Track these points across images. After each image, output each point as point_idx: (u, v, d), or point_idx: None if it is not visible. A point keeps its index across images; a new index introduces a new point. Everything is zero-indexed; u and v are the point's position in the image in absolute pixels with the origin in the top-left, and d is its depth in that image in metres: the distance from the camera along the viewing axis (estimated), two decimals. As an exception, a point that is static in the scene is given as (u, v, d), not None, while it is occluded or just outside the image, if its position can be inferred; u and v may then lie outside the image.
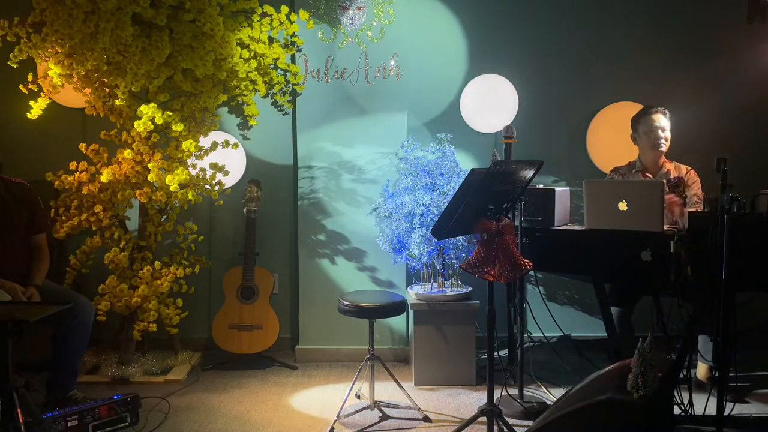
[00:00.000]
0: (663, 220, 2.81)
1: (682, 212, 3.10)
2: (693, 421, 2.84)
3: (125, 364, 3.59)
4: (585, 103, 4.12)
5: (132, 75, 3.34)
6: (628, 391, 2.21)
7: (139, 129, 3.38)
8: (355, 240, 3.93)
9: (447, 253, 3.48)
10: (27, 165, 3.83)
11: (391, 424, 3.05)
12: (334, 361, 3.93)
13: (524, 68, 4.05)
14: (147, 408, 3.13)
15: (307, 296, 3.95)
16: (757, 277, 2.66)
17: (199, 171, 3.59)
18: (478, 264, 2.52)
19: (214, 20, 3.40)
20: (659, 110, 3.41)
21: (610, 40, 4.11)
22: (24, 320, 2.20)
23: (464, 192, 2.55)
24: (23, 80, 3.43)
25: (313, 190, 3.94)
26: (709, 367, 3.32)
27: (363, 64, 3.88)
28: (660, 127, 3.38)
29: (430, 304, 3.51)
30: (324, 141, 3.91)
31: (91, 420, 2.79)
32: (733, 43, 4.11)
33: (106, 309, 3.39)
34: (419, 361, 3.54)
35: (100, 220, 3.48)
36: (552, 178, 4.14)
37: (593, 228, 2.98)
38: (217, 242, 4.10)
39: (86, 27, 3.19)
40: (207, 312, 4.07)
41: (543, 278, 4.17)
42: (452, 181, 3.50)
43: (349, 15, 3.87)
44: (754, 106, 4.13)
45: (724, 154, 2.58)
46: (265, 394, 3.40)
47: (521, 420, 3.04)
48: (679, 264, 2.71)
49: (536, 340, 3.99)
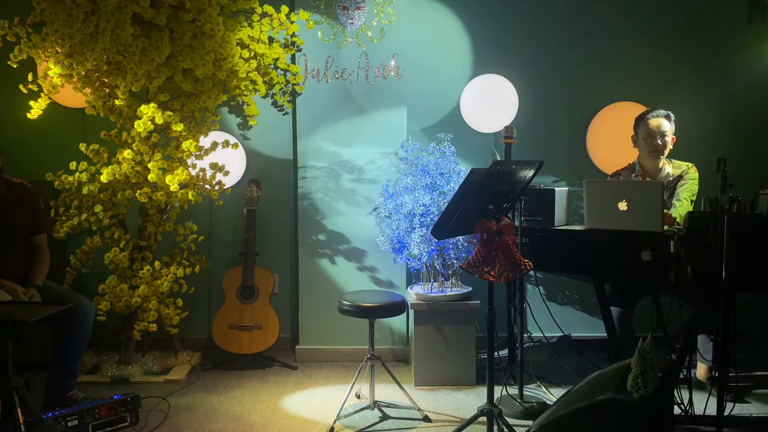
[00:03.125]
0: (663, 220, 2.81)
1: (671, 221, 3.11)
2: (693, 421, 2.84)
3: (125, 364, 3.59)
4: (585, 103, 4.12)
5: (132, 75, 3.34)
6: (628, 391, 2.20)
7: (139, 129, 3.37)
8: (355, 240, 3.93)
9: (447, 253, 3.48)
10: (27, 165, 3.84)
11: (391, 424, 3.05)
12: (334, 361, 3.93)
13: (524, 68, 4.05)
14: (147, 408, 3.13)
15: (307, 296, 3.95)
16: (757, 277, 2.65)
17: (199, 171, 3.59)
18: (478, 264, 2.52)
19: (214, 20, 3.40)
20: (660, 114, 3.34)
21: (610, 40, 4.11)
22: (24, 320, 2.20)
23: (464, 192, 2.55)
24: (23, 80, 3.43)
25: (313, 190, 3.94)
26: (709, 367, 3.32)
27: (363, 64, 3.88)
28: (659, 133, 3.31)
29: (430, 304, 3.51)
30: (324, 141, 3.92)
31: (91, 420, 2.79)
32: (733, 43, 4.12)
33: (106, 309, 3.39)
34: (419, 361, 3.54)
35: (100, 220, 3.48)
36: (552, 178, 4.14)
37: (593, 228, 2.98)
38: (217, 242, 4.11)
39: (86, 27, 3.19)
40: (207, 312, 4.07)
41: (543, 278, 4.17)
42: (452, 181, 3.50)
43: (349, 15, 3.87)
44: (754, 106, 4.13)
45: (724, 154, 2.58)
46: (265, 394, 3.40)
47: (521, 420, 3.04)
48: (679, 264, 2.71)
49: (536, 340, 3.99)
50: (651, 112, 3.38)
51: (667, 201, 3.32)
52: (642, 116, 3.40)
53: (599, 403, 2.22)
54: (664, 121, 3.34)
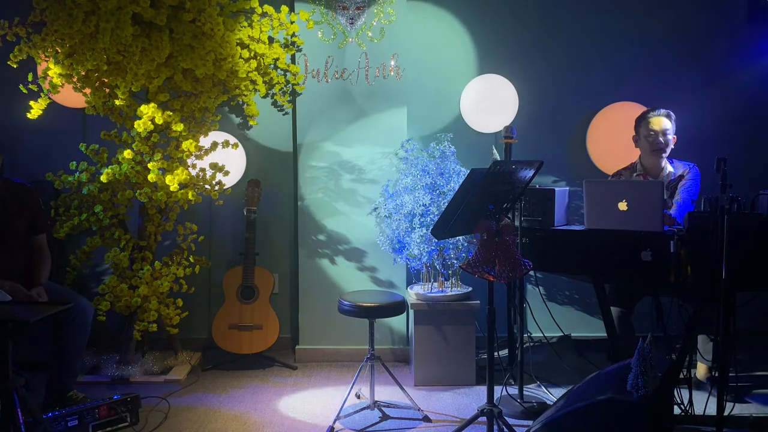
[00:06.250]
0: (663, 220, 2.81)
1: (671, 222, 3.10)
2: (693, 421, 2.85)
3: (125, 364, 3.59)
4: (585, 103, 4.12)
5: (132, 75, 3.34)
6: (628, 391, 2.21)
7: (139, 129, 3.38)
8: (355, 240, 3.93)
9: (447, 253, 3.48)
10: (27, 165, 3.84)
11: (391, 424, 3.05)
12: (334, 361, 3.93)
13: (524, 68, 4.05)
14: (147, 408, 3.13)
15: (307, 296, 3.95)
16: (757, 277, 2.65)
17: (199, 171, 3.59)
18: (478, 264, 2.52)
19: (214, 20, 3.40)
20: (661, 113, 3.34)
21: (610, 40, 4.11)
22: (24, 320, 2.20)
23: (464, 192, 2.55)
24: (23, 80, 3.43)
25: (313, 190, 3.94)
26: (709, 367, 3.32)
27: (363, 64, 3.88)
28: (660, 131, 3.31)
29: (430, 304, 3.51)
30: (324, 141, 3.92)
31: (91, 420, 2.79)
32: (733, 43, 4.11)
33: (106, 309, 3.39)
34: (419, 361, 3.54)
35: (100, 220, 3.48)
36: (552, 178, 4.14)
37: (593, 228, 2.97)
38: (217, 242, 4.11)
39: (86, 27, 3.19)
40: (207, 312, 4.07)
41: (543, 278, 4.17)
42: (452, 181, 3.50)
43: (349, 15, 3.87)
44: (754, 106, 4.13)
45: (724, 154, 2.58)
46: (265, 394, 3.40)
47: (521, 420, 3.04)
48: (679, 264, 2.71)
49: (536, 340, 3.99)
50: (652, 111, 3.38)
51: (668, 201, 3.32)
52: (643, 115, 3.41)
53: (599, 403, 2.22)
54: (665, 119, 3.34)
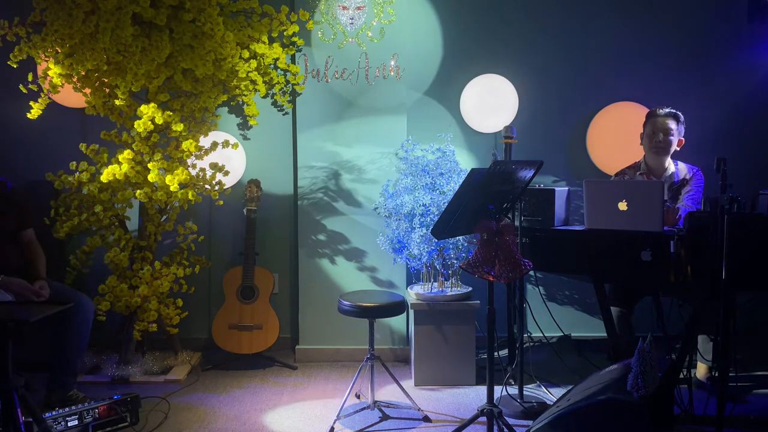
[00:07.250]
0: (663, 220, 2.81)
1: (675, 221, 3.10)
2: (693, 421, 2.84)
3: (125, 364, 3.59)
4: (585, 103, 4.12)
5: (132, 75, 3.34)
6: (628, 391, 2.21)
7: (139, 129, 3.38)
8: (355, 240, 3.93)
9: (447, 253, 3.49)
10: (27, 165, 3.84)
11: (391, 424, 3.05)
12: (334, 361, 3.93)
13: (524, 68, 4.05)
14: (147, 408, 3.13)
15: (307, 296, 3.95)
16: (757, 277, 2.65)
17: (199, 171, 3.59)
18: (478, 264, 2.52)
19: (214, 20, 3.40)
20: (669, 113, 3.33)
21: (610, 40, 4.11)
22: (24, 320, 2.20)
23: (464, 192, 2.55)
24: (23, 80, 3.43)
25: (313, 190, 3.94)
26: (709, 367, 3.32)
27: (363, 64, 3.88)
28: (663, 130, 3.30)
29: (430, 304, 3.51)
30: (324, 141, 3.92)
31: (91, 420, 2.79)
32: (733, 43, 4.11)
33: (106, 309, 3.39)
34: (419, 361, 3.54)
35: (100, 220, 3.48)
36: (552, 178, 4.14)
37: (593, 228, 2.97)
38: (217, 242, 4.10)
39: (86, 27, 3.19)
40: (207, 312, 4.07)
41: (543, 278, 4.17)
42: (452, 181, 3.50)
43: (349, 15, 3.87)
44: (754, 106, 4.12)
45: (724, 154, 2.58)
46: (265, 394, 3.40)
47: (521, 420, 3.04)
48: (679, 264, 2.71)
49: (536, 340, 3.99)
50: (660, 109, 3.37)
51: (669, 202, 3.32)
52: (651, 113, 3.40)
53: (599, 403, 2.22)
54: (670, 119, 3.33)
